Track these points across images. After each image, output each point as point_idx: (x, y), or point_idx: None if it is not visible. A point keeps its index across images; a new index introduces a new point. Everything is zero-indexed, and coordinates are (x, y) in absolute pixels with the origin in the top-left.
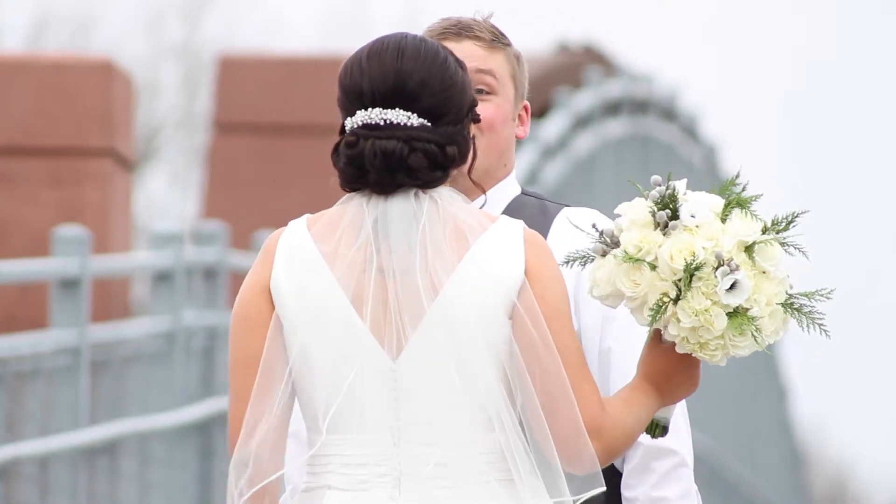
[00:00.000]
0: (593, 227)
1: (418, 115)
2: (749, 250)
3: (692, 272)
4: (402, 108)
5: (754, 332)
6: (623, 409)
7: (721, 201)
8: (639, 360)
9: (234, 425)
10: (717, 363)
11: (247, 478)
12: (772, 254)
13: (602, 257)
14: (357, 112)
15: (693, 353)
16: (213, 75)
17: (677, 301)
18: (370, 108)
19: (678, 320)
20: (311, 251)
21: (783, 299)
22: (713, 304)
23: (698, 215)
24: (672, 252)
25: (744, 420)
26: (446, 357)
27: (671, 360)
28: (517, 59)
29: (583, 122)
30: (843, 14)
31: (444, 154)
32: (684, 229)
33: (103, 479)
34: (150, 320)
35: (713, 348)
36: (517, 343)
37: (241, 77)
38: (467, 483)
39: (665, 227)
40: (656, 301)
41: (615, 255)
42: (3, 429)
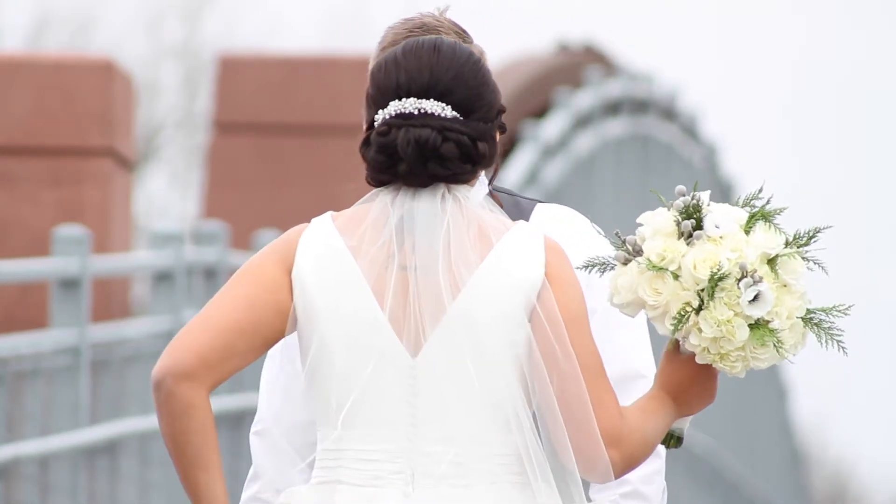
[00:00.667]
0: (616, 234)
1: (452, 107)
2: (772, 263)
3: (716, 282)
4: (436, 99)
5: (776, 344)
6: (641, 419)
7: (744, 213)
8: (657, 370)
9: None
10: (736, 374)
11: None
12: (794, 267)
13: (624, 265)
14: (390, 103)
15: (713, 364)
16: (213, 75)
17: (699, 311)
18: (405, 99)
19: (700, 330)
20: (338, 245)
21: (803, 313)
22: (735, 315)
23: (722, 226)
24: (696, 261)
25: (744, 420)
26: (465, 356)
27: (689, 371)
28: (481, 57)
29: (583, 121)
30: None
31: (475, 148)
32: (708, 239)
33: (103, 479)
34: (150, 320)
35: (734, 359)
36: (536, 346)
37: (241, 77)
38: (481, 483)
39: (689, 237)
40: (679, 310)
41: (638, 263)
42: (3, 429)
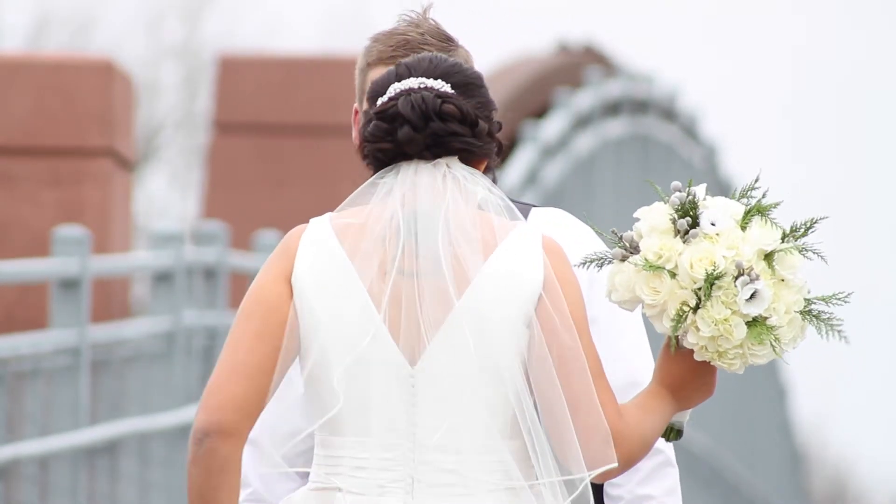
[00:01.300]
0: (613, 232)
1: (451, 87)
2: (769, 258)
3: (712, 281)
4: (436, 79)
5: (773, 342)
6: (640, 416)
7: (740, 207)
8: (655, 365)
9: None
10: (735, 371)
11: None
12: (791, 262)
13: (621, 262)
14: (390, 87)
15: (711, 362)
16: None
17: (697, 309)
18: (405, 80)
19: (697, 329)
20: (335, 249)
21: (802, 307)
22: (733, 313)
23: (718, 223)
24: (692, 261)
25: (744, 420)
26: (469, 360)
27: (688, 365)
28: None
29: (583, 122)
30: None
31: (474, 117)
32: (704, 237)
33: (103, 479)
34: (150, 320)
35: (732, 357)
36: (540, 347)
37: (241, 77)
38: (479, 491)
39: (685, 235)
40: (676, 310)
41: (635, 263)
42: (3, 429)
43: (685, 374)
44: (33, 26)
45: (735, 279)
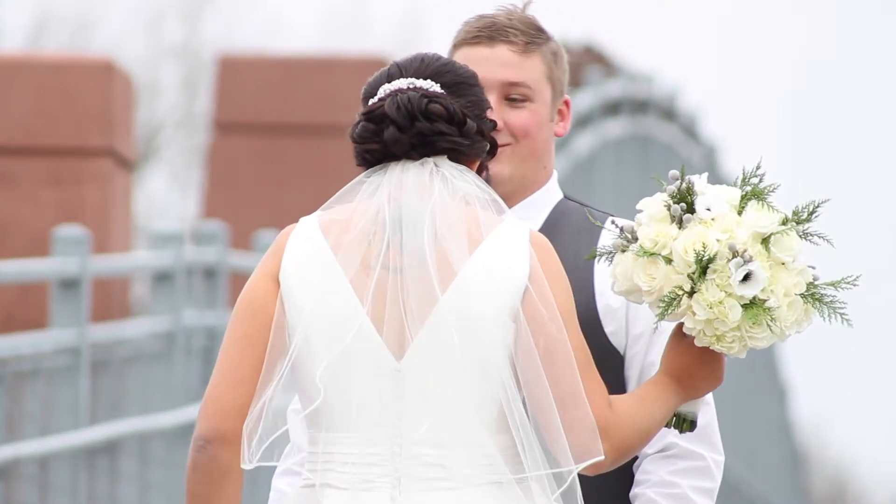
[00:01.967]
0: (612, 223)
1: (441, 87)
2: (766, 242)
3: (705, 265)
4: (425, 79)
5: (769, 323)
6: (634, 407)
7: (738, 193)
8: (662, 354)
9: (212, 401)
10: (736, 355)
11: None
12: (789, 244)
13: (622, 253)
14: (380, 88)
15: (711, 346)
16: (212, 75)
17: (693, 294)
18: (395, 80)
19: (693, 313)
20: (321, 245)
21: (803, 290)
22: (727, 295)
23: (714, 208)
24: (686, 245)
25: (744, 420)
26: (456, 353)
27: (693, 354)
28: (554, 56)
29: (583, 121)
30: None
31: (462, 115)
32: (699, 222)
33: (103, 479)
34: (150, 320)
35: (730, 340)
36: (526, 340)
37: (241, 77)
38: (467, 485)
39: (680, 221)
40: (668, 294)
41: (632, 250)
42: (3, 429)
43: (690, 363)
44: (33, 26)
45: (729, 262)
